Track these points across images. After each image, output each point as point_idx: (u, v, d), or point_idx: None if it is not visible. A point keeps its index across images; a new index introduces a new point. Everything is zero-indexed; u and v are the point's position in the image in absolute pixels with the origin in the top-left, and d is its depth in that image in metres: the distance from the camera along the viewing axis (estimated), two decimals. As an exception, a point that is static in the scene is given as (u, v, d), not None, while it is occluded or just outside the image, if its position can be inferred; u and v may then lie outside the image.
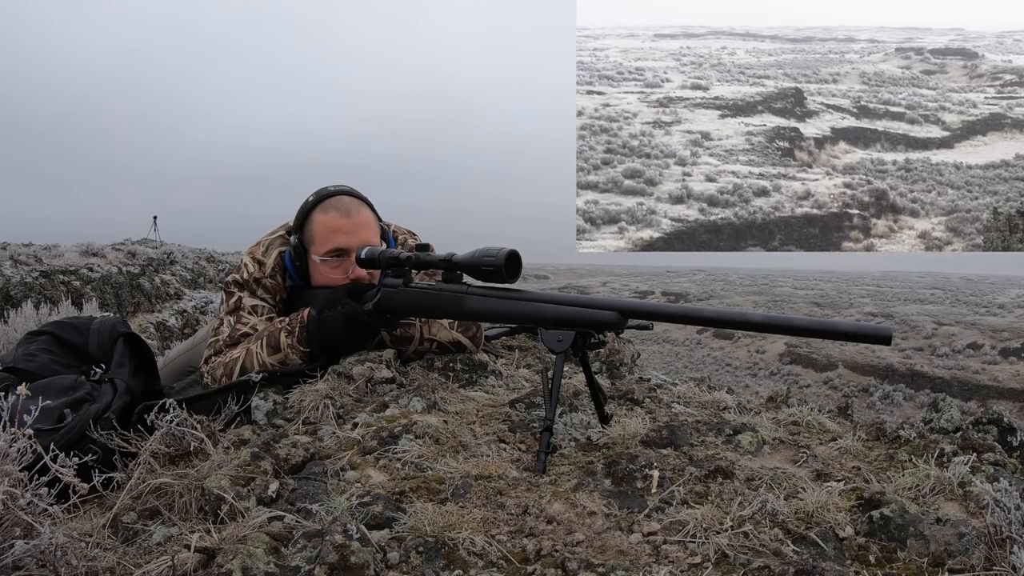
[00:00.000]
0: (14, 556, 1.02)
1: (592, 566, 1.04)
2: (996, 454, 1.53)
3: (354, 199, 2.17)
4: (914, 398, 23.28)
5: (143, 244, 11.83)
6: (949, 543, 1.11)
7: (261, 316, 2.12)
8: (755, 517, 1.16)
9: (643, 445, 1.50)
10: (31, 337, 1.90)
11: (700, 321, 1.52)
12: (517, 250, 1.66)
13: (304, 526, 1.16)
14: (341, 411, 1.71)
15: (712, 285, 52.38)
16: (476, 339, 2.12)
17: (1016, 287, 46.75)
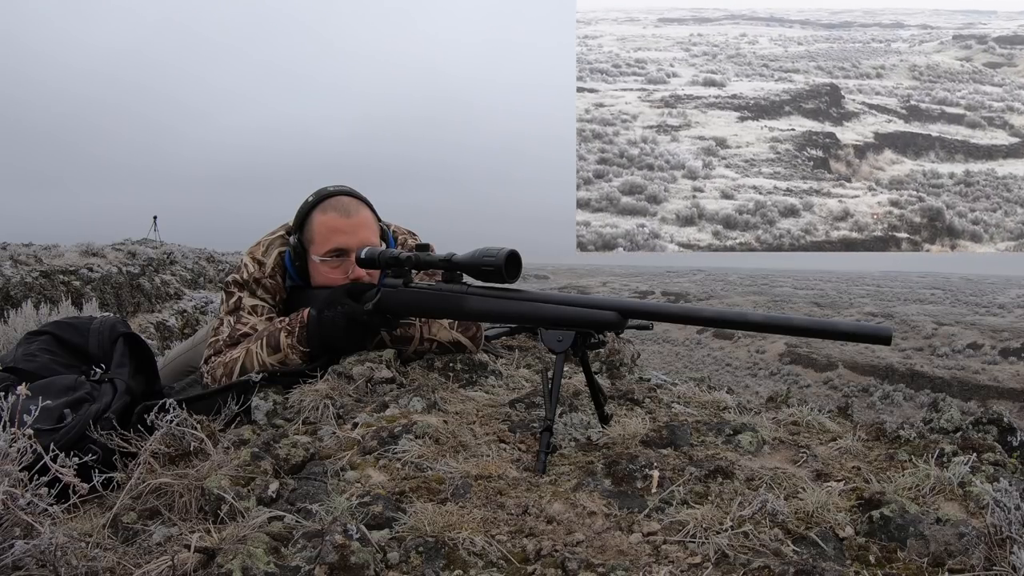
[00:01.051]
0: (14, 556, 1.03)
1: (592, 566, 1.04)
2: (996, 454, 1.53)
3: (354, 199, 2.17)
4: (914, 398, 23.29)
5: (143, 244, 11.83)
6: (949, 543, 1.11)
7: (261, 316, 2.12)
8: (755, 517, 1.16)
9: (643, 445, 1.50)
10: (31, 337, 1.90)
11: (700, 321, 1.52)
12: (517, 250, 1.66)
13: (304, 526, 1.16)
14: (341, 411, 1.71)
15: (712, 285, 52.38)
16: (476, 339, 2.13)
17: (1016, 287, 46.75)
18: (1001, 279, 56.32)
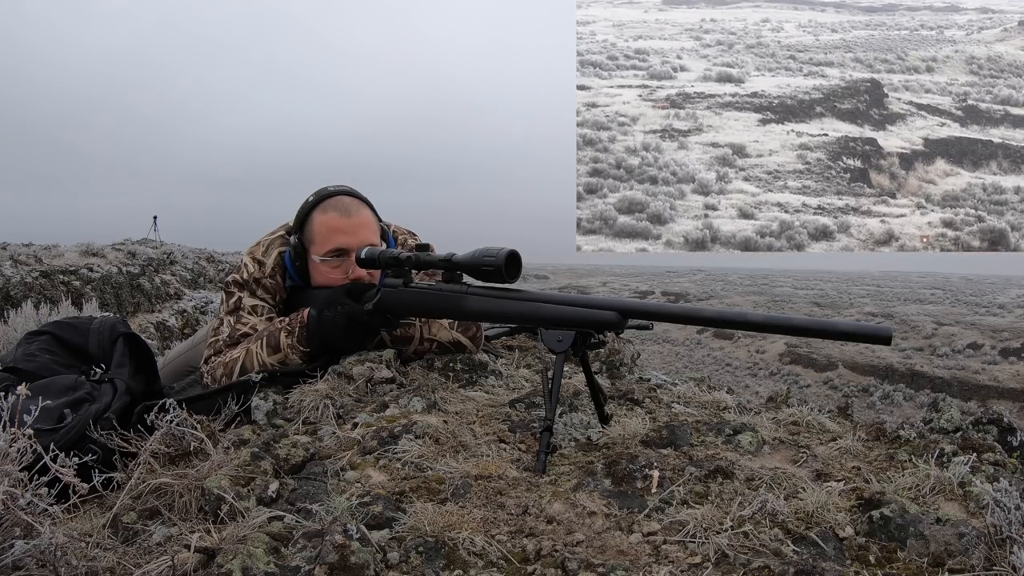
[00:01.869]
0: (14, 556, 1.03)
1: (592, 566, 1.04)
2: (996, 454, 1.53)
3: (354, 199, 2.17)
4: (914, 398, 23.28)
5: (143, 244, 11.83)
6: (949, 543, 1.11)
7: (261, 316, 2.12)
8: (755, 517, 1.16)
9: (643, 445, 1.50)
10: (31, 337, 1.90)
11: (700, 321, 1.52)
12: (517, 250, 1.66)
13: (304, 526, 1.16)
14: (341, 411, 1.71)
15: (712, 285, 52.38)
16: (476, 339, 2.13)
17: (1016, 287, 46.75)
18: (1001, 279, 56.33)
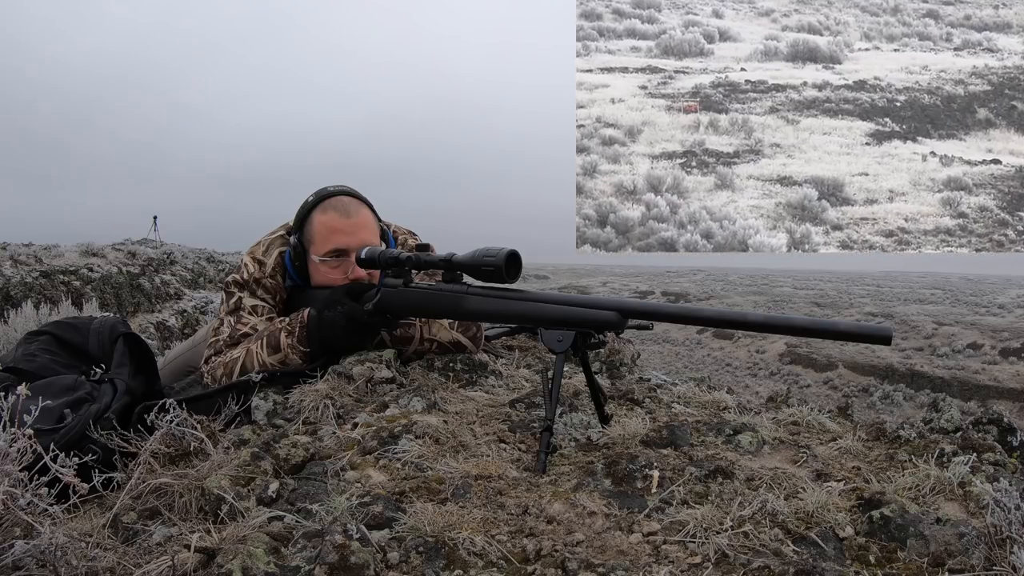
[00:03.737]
0: (14, 556, 1.03)
1: (592, 566, 1.04)
2: (996, 454, 1.53)
3: (354, 199, 2.17)
4: (914, 398, 23.28)
5: (143, 244, 11.84)
6: (949, 543, 1.11)
7: (261, 316, 2.13)
8: (755, 517, 1.16)
9: (643, 445, 1.50)
10: (31, 337, 1.90)
11: (700, 321, 1.52)
12: (517, 250, 1.66)
13: (304, 526, 1.16)
14: (341, 411, 1.71)
15: (712, 285, 52.37)
16: (476, 339, 2.13)
17: (1016, 287, 46.75)
18: (1001, 279, 56.31)
